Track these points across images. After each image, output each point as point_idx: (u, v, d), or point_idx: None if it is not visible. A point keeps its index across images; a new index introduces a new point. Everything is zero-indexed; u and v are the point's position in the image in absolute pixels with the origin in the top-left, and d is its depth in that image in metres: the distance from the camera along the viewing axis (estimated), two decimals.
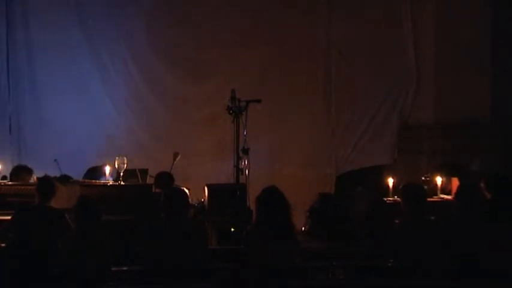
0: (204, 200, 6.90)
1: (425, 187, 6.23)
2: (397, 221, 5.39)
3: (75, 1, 8.77)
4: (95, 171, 7.58)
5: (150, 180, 7.25)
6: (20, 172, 7.00)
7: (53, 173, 6.69)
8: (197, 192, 6.89)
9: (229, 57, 8.90)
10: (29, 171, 6.97)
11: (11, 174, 7.13)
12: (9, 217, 5.69)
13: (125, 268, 4.91)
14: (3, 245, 5.28)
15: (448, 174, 7.21)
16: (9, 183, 6.80)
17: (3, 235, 5.50)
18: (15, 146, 8.77)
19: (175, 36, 8.90)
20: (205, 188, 6.95)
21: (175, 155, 7.60)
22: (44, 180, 5.85)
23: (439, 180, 7.07)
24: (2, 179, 7.10)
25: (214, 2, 8.92)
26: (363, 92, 9.02)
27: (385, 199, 6.68)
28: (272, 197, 4.94)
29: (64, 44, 8.74)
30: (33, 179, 6.73)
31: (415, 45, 8.99)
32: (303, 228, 6.76)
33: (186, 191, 5.21)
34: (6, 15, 8.72)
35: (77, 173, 7.37)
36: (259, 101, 7.01)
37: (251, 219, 5.98)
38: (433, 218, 5.26)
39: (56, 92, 8.79)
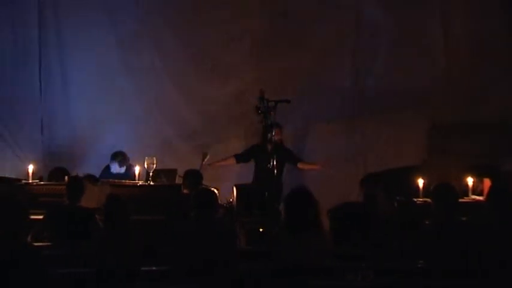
0: (233, 200, 6.91)
1: (457, 188, 6.15)
2: (427, 222, 5.34)
3: (105, 3, 8.86)
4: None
5: (179, 180, 7.29)
6: (57, 174, 7.05)
7: (84, 173, 6.76)
8: (226, 192, 6.91)
9: (257, 57, 8.91)
10: (66, 173, 6.98)
11: (49, 176, 7.19)
12: (41, 217, 5.75)
13: (154, 268, 4.94)
14: (36, 244, 5.35)
15: (479, 175, 7.13)
16: (41, 183, 6.88)
17: (37, 234, 5.57)
18: (47, 146, 8.88)
19: (203, 37, 8.93)
20: (234, 189, 6.97)
21: (204, 155, 7.64)
22: (73, 180, 5.88)
23: (470, 180, 6.99)
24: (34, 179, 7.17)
25: (242, 3, 8.94)
26: (391, 91, 8.95)
27: (415, 200, 6.63)
28: (301, 197, 4.92)
29: (94, 46, 8.83)
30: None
31: (445, 43, 8.90)
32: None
33: (216, 191, 5.23)
34: (39, 17, 8.83)
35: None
36: (288, 101, 7.01)
37: (280, 220, 5.97)
38: (464, 219, 5.20)
39: (86, 93, 8.89)
